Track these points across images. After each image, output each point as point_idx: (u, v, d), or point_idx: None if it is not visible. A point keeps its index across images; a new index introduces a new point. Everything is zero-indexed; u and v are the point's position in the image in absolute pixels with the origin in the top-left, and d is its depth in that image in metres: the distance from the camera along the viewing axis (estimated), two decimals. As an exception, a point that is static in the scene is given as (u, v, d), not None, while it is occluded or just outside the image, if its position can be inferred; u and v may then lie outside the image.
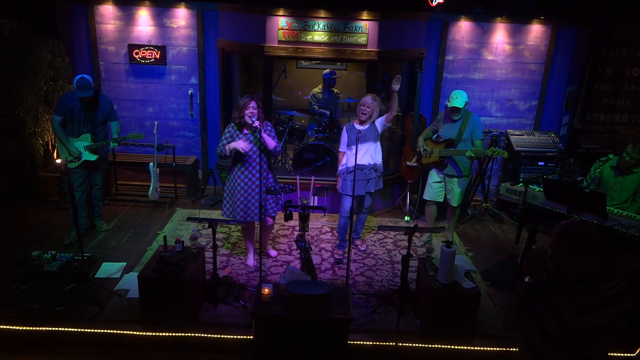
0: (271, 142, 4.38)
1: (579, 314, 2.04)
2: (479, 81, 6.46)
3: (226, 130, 4.49)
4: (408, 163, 5.76)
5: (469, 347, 3.82)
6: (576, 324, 2.04)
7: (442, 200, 5.18)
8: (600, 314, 2.07)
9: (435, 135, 5.17)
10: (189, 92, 6.38)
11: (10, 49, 5.81)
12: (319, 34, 5.52)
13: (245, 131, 4.42)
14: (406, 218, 6.04)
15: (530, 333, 2.16)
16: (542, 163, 6.13)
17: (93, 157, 5.03)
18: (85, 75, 4.83)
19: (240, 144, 4.32)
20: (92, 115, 4.97)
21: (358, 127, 4.86)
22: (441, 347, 3.81)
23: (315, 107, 7.00)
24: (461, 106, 4.81)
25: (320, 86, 7.25)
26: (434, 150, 5.02)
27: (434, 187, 5.14)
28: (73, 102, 4.89)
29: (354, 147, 4.80)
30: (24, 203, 5.99)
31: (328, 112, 6.61)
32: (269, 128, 4.49)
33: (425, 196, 5.23)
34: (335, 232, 5.61)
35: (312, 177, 4.39)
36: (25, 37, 5.85)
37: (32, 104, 5.87)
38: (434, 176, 5.12)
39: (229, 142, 4.41)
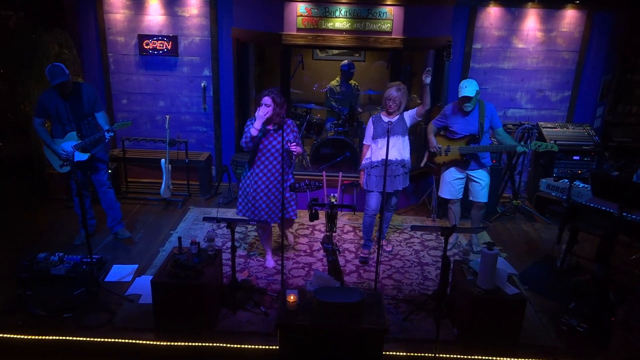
0: (296, 149, 4.01)
1: None
2: (508, 71, 6.09)
3: (248, 122, 4.15)
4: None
5: (512, 359, 3.48)
6: None
7: (461, 196, 4.82)
8: None
9: (442, 131, 4.80)
10: (202, 84, 6.08)
11: (16, 41, 5.55)
12: (340, 20, 5.18)
13: (270, 127, 4.11)
14: (432, 216, 5.69)
15: None
16: (578, 157, 5.76)
17: (84, 157, 4.51)
18: (56, 63, 4.35)
19: (257, 124, 3.94)
20: (78, 108, 4.45)
21: (386, 118, 4.51)
22: (482, 358, 3.47)
23: (333, 103, 6.66)
24: (472, 95, 4.43)
25: (337, 79, 6.92)
26: (452, 148, 4.66)
27: (455, 184, 4.77)
28: (55, 100, 4.39)
29: (379, 140, 4.48)
30: (32, 203, 5.74)
31: (347, 110, 6.25)
32: (289, 129, 4.15)
33: (446, 195, 4.85)
34: (357, 231, 5.29)
35: (340, 173, 4.07)
36: (31, 29, 5.59)
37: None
38: (453, 173, 4.76)
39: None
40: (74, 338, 3.52)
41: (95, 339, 3.52)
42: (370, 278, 4.40)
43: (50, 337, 3.52)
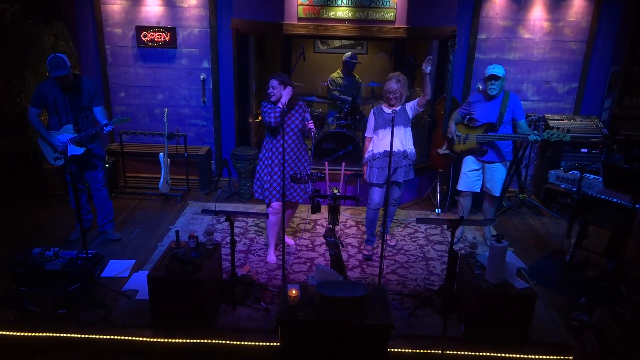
0: (313, 126, 4.21)
1: None
2: (514, 62, 5.95)
3: (263, 104, 4.16)
4: (439, 150, 5.29)
5: (521, 355, 3.37)
6: None
7: (478, 190, 4.71)
8: None
9: (466, 119, 4.70)
10: (201, 77, 5.95)
11: (12, 34, 5.42)
12: (342, 9, 5.05)
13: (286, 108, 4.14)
14: (436, 210, 5.57)
15: (592, 352, 1.72)
16: (586, 150, 5.63)
17: (79, 151, 4.36)
18: (59, 54, 4.24)
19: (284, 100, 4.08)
20: (77, 101, 4.33)
21: (388, 109, 4.39)
22: (490, 355, 3.36)
23: (335, 92, 6.54)
24: (501, 75, 4.33)
25: (339, 71, 6.78)
26: (470, 136, 4.55)
27: (471, 175, 4.67)
28: (54, 91, 4.25)
29: (380, 131, 4.38)
30: (29, 198, 5.63)
31: (349, 98, 6.14)
32: (302, 110, 4.23)
33: (460, 187, 4.75)
34: (360, 226, 5.17)
35: (343, 164, 3.97)
36: (27, 21, 5.47)
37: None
38: (470, 164, 4.65)
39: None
40: (69, 335, 3.42)
41: (91, 336, 3.41)
42: (374, 273, 4.29)
43: (45, 334, 3.41)
